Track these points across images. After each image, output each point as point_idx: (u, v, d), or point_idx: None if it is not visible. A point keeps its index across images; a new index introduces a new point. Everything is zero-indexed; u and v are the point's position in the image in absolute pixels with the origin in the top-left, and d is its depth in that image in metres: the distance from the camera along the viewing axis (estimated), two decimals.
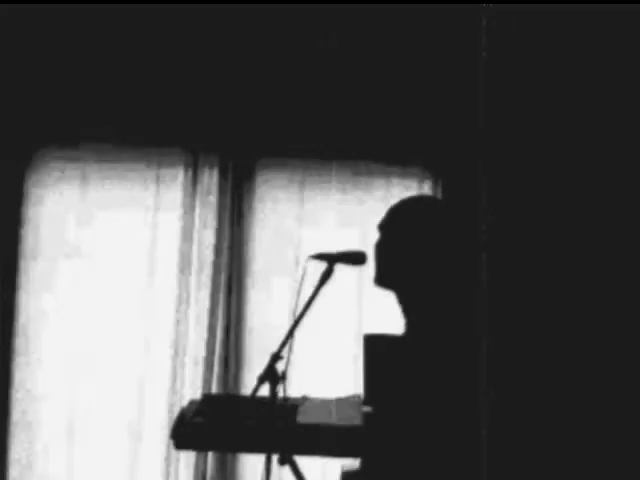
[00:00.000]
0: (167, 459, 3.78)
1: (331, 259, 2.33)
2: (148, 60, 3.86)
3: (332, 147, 3.90)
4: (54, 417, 3.82)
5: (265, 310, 3.86)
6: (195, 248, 3.88)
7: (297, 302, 2.32)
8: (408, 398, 2.14)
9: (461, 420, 2.11)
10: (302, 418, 2.30)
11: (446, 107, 3.89)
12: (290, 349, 2.24)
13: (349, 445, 2.24)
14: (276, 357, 2.23)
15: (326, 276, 2.31)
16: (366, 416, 2.24)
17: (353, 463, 2.35)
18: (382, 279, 2.33)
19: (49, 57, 3.85)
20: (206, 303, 3.84)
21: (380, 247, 2.34)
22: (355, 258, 2.36)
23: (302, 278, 2.32)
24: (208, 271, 3.86)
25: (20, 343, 3.83)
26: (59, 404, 3.82)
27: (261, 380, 2.23)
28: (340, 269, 2.36)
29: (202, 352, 3.82)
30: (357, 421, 2.25)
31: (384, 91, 3.89)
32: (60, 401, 3.82)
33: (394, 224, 2.33)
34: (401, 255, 2.28)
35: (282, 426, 2.24)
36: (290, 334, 2.25)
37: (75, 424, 3.82)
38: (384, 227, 2.35)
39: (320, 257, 2.34)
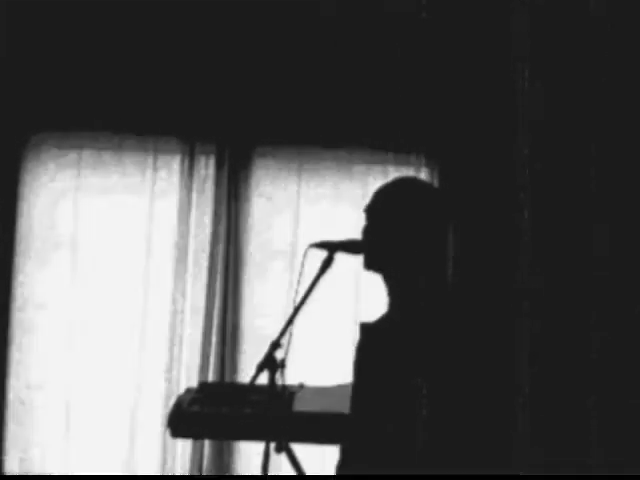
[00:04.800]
0: (163, 447, 3.78)
1: (332, 248, 2.33)
2: (145, 48, 3.85)
3: (329, 135, 3.89)
4: (51, 406, 3.83)
5: (262, 297, 3.87)
6: (192, 236, 3.88)
7: (297, 290, 2.31)
8: (403, 385, 2.14)
9: (457, 404, 2.11)
10: (298, 406, 2.30)
11: (444, 95, 3.88)
12: (290, 337, 2.24)
13: (345, 432, 2.24)
14: (275, 345, 2.23)
15: (326, 265, 2.31)
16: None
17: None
18: (371, 263, 2.33)
19: (46, 44, 3.83)
20: (203, 291, 3.84)
21: (367, 231, 2.35)
22: (356, 247, 2.36)
23: (302, 266, 2.32)
24: (205, 258, 3.86)
25: (16, 331, 3.83)
26: (55, 393, 3.83)
27: (260, 368, 2.22)
28: (339, 257, 2.35)
29: (199, 340, 3.82)
30: None
31: (381, 78, 3.88)
32: (56, 390, 3.83)
33: (379, 207, 2.33)
34: (387, 237, 2.29)
35: (278, 414, 2.24)
36: (290, 322, 2.24)
37: (72, 413, 3.83)
38: (369, 210, 2.36)
39: (321, 245, 2.34)
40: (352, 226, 3.82)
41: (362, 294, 3.82)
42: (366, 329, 2.27)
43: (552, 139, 3.84)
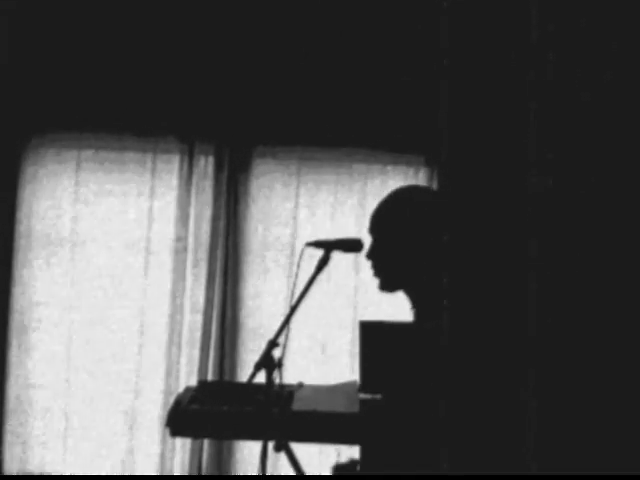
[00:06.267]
0: (163, 446, 3.79)
1: (328, 246, 2.34)
2: (145, 48, 3.85)
3: (328, 135, 3.89)
4: (50, 405, 3.83)
5: (261, 297, 3.87)
6: (191, 235, 3.89)
7: (293, 289, 2.32)
8: (405, 385, 2.14)
9: (457, 407, 2.11)
10: (298, 405, 2.30)
11: (444, 94, 3.87)
12: (287, 336, 2.25)
13: (345, 432, 2.24)
14: (273, 344, 2.24)
15: (322, 263, 2.32)
16: (362, 403, 2.24)
17: (347, 456, 2.36)
18: (387, 285, 2.32)
19: (46, 44, 3.83)
20: (202, 290, 3.85)
21: (375, 252, 2.33)
22: (352, 245, 2.36)
23: (298, 265, 2.32)
24: (204, 258, 3.86)
25: (16, 330, 3.84)
26: (55, 392, 3.83)
27: (258, 367, 2.23)
28: (336, 256, 2.36)
29: (198, 338, 3.83)
30: (353, 408, 2.26)
31: (380, 78, 3.88)
32: (56, 389, 3.83)
33: (382, 226, 2.32)
34: (399, 255, 2.28)
35: (277, 413, 2.24)
36: (287, 321, 2.25)
37: (71, 412, 3.83)
38: (374, 232, 2.34)
39: (317, 244, 2.35)
40: (351, 225, 3.83)
41: (360, 292, 3.81)
42: (377, 329, 2.25)
43: (556, 138, 3.83)
